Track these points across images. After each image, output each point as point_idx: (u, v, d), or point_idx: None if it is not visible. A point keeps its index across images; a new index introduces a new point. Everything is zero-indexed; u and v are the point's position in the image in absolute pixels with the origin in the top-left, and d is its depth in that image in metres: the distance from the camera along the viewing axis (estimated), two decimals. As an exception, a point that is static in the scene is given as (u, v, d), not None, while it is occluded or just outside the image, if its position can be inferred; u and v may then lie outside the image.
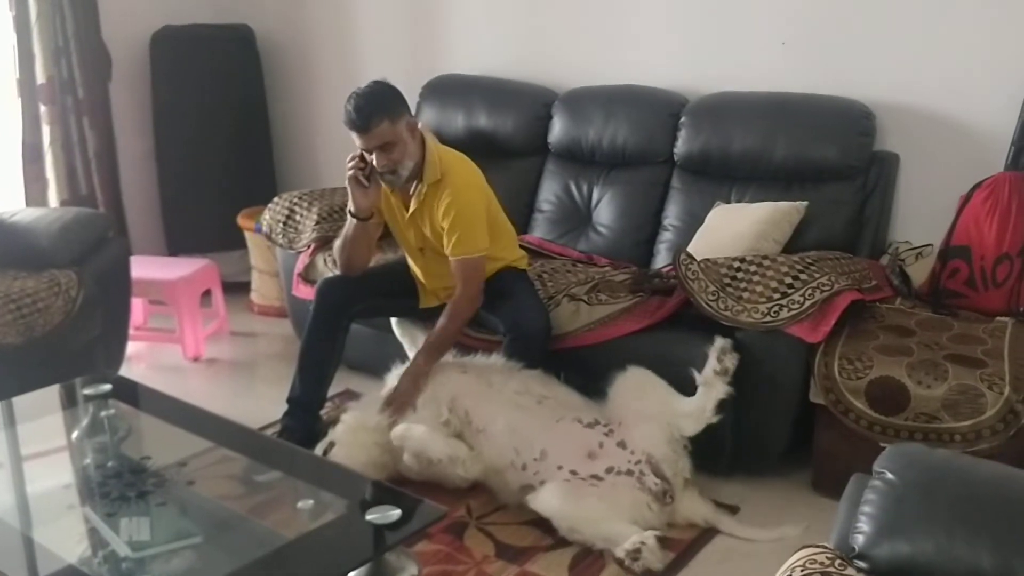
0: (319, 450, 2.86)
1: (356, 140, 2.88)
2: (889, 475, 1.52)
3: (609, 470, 2.62)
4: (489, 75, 4.10)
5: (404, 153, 2.88)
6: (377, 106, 2.82)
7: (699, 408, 2.67)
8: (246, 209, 4.50)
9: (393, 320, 3.34)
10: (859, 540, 1.48)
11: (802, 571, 1.43)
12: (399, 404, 2.89)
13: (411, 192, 3.00)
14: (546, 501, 2.59)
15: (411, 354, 3.16)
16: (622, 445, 2.67)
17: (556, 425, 2.74)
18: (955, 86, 3.19)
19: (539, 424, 2.75)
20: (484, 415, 2.80)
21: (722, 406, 2.67)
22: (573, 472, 2.63)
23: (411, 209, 3.01)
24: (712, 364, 2.68)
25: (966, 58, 3.16)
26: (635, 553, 2.44)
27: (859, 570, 1.44)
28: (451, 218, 2.92)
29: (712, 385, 2.67)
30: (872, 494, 1.51)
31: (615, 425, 2.73)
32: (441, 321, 2.98)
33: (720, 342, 2.71)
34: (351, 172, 2.94)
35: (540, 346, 2.96)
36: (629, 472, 2.62)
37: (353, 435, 2.86)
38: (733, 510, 2.79)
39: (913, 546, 1.42)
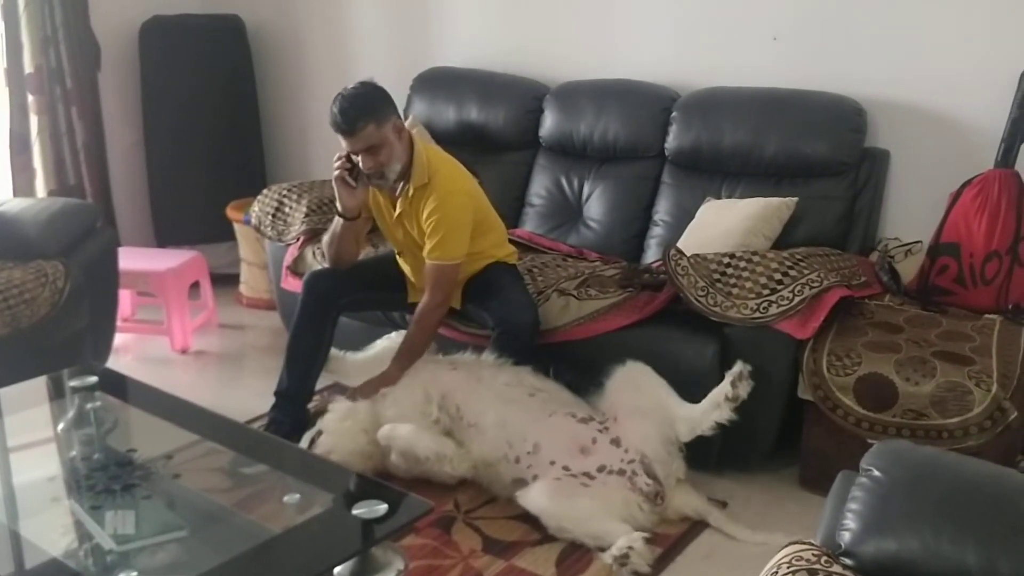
0: (307, 439, 2.86)
1: (342, 142, 2.86)
2: (876, 472, 1.52)
3: (601, 468, 2.61)
4: (480, 68, 4.09)
5: (391, 156, 2.86)
6: (363, 109, 2.80)
7: (696, 420, 2.63)
8: (235, 201, 4.48)
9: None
10: (845, 537, 1.48)
11: (788, 568, 1.43)
12: (362, 394, 2.92)
13: (397, 193, 2.99)
14: (535, 499, 2.59)
15: None
16: (616, 443, 2.66)
17: (549, 419, 2.73)
18: (946, 83, 3.19)
19: (531, 417, 2.74)
20: (475, 409, 2.79)
21: (719, 426, 2.61)
22: (565, 468, 2.62)
23: (398, 211, 3.01)
24: (725, 389, 2.60)
25: (957, 55, 3.16)
26: (623, 559, 2.43)
27: (845, 567, 1.44)
28: (434, 223, 2.91)
29: (718, 407, 2.60)
30: (859, 491, 1.51)
31: (610, 421, 2.72)
32: (410, 331, 3.01)
33: (739, 367, 2.61)
34: (337, 172, 2.93)
35: (528, 340, 2.96)
36: (621, 472, 2.61)
37: (341, 423, 2.86)
38: (721, 505, 2.79)
39: (899, 543, 1.42)
